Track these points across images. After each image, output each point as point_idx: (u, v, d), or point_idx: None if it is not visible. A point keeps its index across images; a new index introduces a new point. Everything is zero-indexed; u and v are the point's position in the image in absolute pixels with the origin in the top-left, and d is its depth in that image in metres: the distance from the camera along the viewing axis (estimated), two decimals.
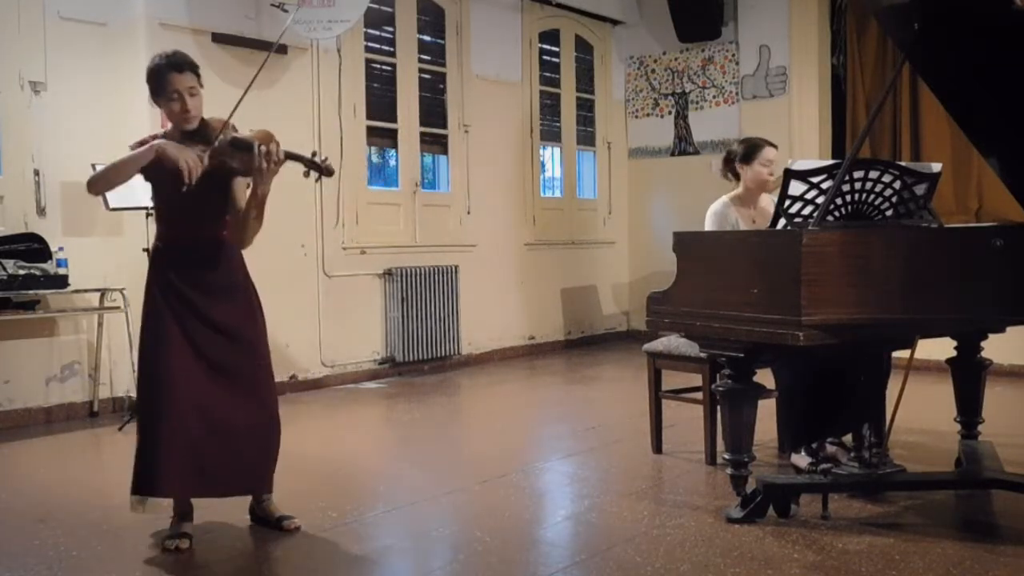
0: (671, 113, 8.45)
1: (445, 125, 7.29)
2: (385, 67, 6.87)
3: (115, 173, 3.08)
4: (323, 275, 6.34)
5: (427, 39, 7.16)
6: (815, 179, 3.16)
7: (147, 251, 4.47)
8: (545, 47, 8.19)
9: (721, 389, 3.38)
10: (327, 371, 6.37)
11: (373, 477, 4.08)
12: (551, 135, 8.30)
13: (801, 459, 3.81)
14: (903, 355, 3.42)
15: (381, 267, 6.69)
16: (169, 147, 3.02)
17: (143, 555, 3.07)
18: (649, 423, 4.34)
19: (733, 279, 3.19)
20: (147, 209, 4.86)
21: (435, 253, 7.08)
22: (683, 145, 8.38)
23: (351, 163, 6.46)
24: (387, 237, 6.79)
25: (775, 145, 4.20)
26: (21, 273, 4.82)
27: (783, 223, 3.23)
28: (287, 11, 5.40)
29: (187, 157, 2.99)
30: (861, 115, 7.37)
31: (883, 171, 3.16)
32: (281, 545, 3.17)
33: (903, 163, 4.43)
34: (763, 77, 7.82)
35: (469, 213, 7.41)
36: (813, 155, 7.23)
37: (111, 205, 4.96)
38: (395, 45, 6.90)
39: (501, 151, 7.68)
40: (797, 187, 3.17)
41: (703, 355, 3.79)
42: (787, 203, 3.19)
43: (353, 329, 6.52)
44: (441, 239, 7.18)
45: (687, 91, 8.31)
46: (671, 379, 4.34)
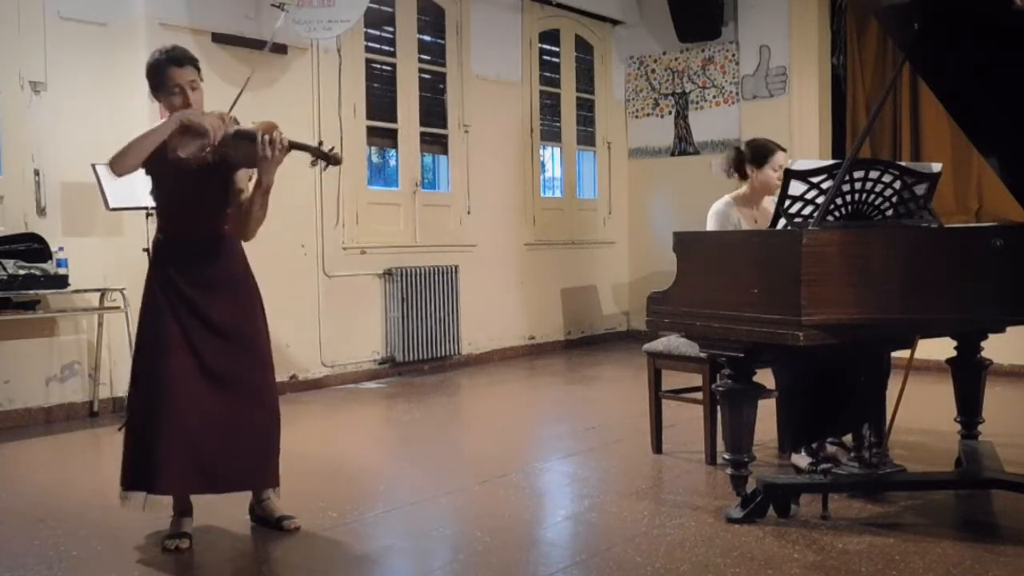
0: (671, 113, 8.45)
1: (445, 125, 7.29)
2: (385, 67, 6.87)
3: (139, 147, 3.05)
4: (323, 275, 6.34)
5: (427, 39, 7.16)
6: (815, 179, 3.16)
7: (147, 251, 4.47)
8: (545, 47, 8.19)
9: (721, 389, 3.38)
10: (327, 371, 6.37)
11: (373, 477, 4.07)
12: (551, 135, 8.30)
13: (801, 459, 3.81)
14: (903, 355, 3.42)
15: (381, 267, 6.69)
16: (191, 114, 3.04)
17: (143, 555, 3.06)
18: (649, 423, 4.34)
19: (733, 279, 3.20)
20: (147, 209, 4.86)
21: (435, 253, 7.08)
22: (683, 145, 8.38)
23: (351, 163, 6.44)
24: (387, 237, 6.79)
25: (785, 149, 4.19)
26: (21, 273, 4.82)
27: (783, 223, 3.23)
28: (286, 11, 5.40)
29: (210, 120, 3.02)
30: (861, 115, 7.37)
31: (883, 171, 3.16)
32: (281, 545, 3.17)
33: (903, 163, 4.43)
34: (763, 77, 7.81)
35: (469, 213, 7.41)
36: (813, 155, 7.23)
37: (111, 205, 4.96)
38: (395, 45, 6.90)
39: (501, 151, 7.68)
40: (797, 187, 3.17)
41: (703, 355, 3.79)
42: (787, 203, 3.19)
43: (353, 329, 6.52)
44: (441, 239, 7.18)
45: (687, 91, 8.31)
46: (671, 379, 4.34)
